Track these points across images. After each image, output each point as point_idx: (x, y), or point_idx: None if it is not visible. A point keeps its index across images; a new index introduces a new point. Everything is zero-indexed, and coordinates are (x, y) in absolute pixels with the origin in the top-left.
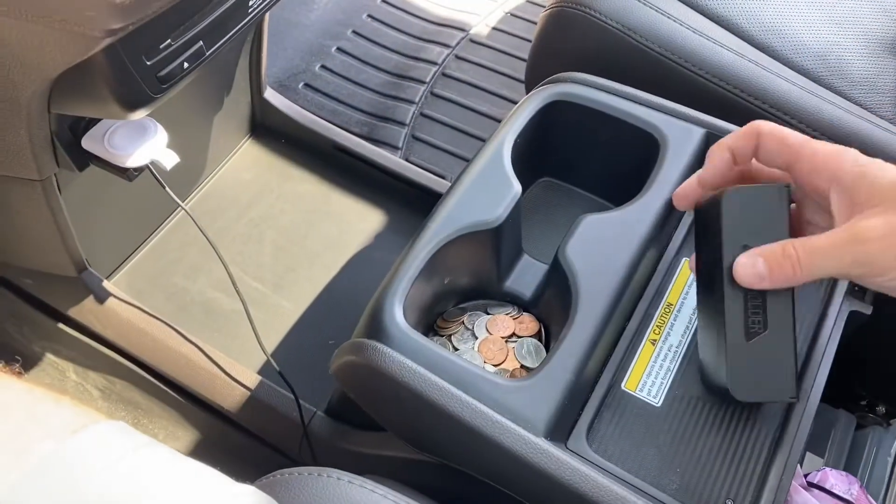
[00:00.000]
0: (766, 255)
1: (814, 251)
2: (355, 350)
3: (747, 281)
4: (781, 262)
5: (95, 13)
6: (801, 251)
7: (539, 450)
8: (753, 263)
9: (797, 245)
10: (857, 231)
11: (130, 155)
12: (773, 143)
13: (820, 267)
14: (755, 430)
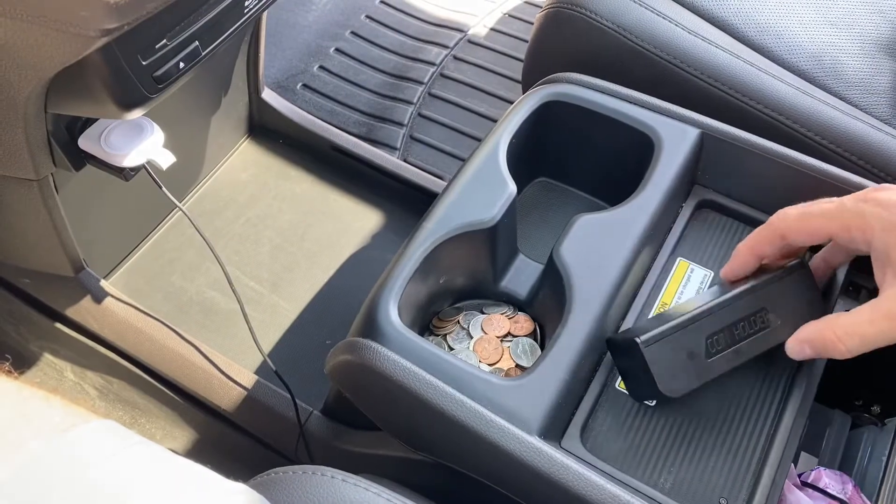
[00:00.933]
0: (811, 342)
1: (853, 333)
2: (350, 349)
3: (800, 359)
4: (824, 348)
5: (90, 13)
6: (841, 333)
7: (533, 449)
8: (801, 351)
9: (836, 328)
10: (891, 305)
11: (127, 155)
12: (802, 237)
13: (865, 342)
14: (749, 430)
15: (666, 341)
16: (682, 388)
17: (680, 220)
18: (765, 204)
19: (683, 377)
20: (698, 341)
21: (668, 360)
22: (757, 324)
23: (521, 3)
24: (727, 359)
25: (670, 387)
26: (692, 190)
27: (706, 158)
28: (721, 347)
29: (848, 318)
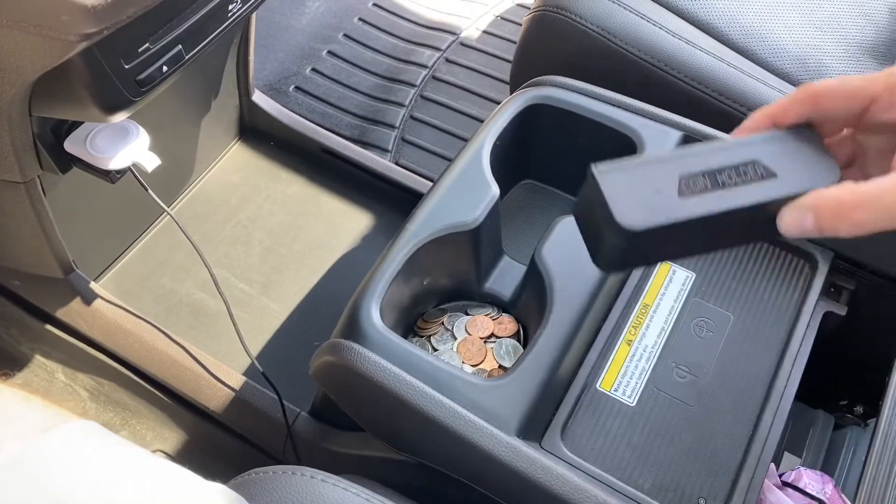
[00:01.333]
0: (818, 208)
1: (876, 202)
2: (332, 351)
3: (792, 234)
4: (835, 217)
5: (69, 17)
6: (863, 198)
7: (512, 448)
8: (800, 221)
9: (857, 192)
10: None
11: (112, 157)
12: (837, 101)
13: (886, 217)
14: (728, 430)
15: (628, 172)
16: (642, 221)
17: None
18: None
19: (645, 210)
20: (670, 179)
21: (629, 191)
22: (748, 174)
23: (512, 6)
24: (704, 202)
25: (628, 217)
26: None
27: None
28: (698, 189)
29: (871, 184)
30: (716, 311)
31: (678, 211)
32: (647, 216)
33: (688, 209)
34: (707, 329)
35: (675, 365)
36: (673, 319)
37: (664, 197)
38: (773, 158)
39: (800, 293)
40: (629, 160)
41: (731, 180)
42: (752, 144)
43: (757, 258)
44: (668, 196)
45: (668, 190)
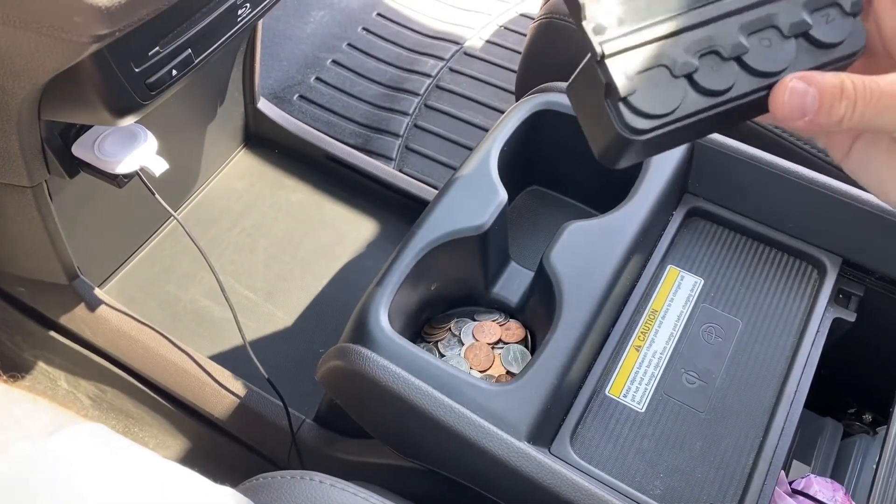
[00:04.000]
0: (823, 87)
1: (881, 94)
2: (340, 355)
3: (783, 110)
4: (834, 101)
5: (82, 19)
6: (863, 91)
7: (521, 454)
8: (804, 92)
9: (858, 84)
10: None
11: (120, 161)
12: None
13: (880, 116)
14: (738, 436)
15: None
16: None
17: (670, 228)
18: (755, 212)
19: (655, 103)
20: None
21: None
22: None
23: (516, 16)
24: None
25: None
26: (682, 198)
27: (697, 167)
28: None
29: (872, 77)
30: (724, 317)
31: (693, 103)
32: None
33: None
34: (716, 335)
35: (684, 371)
36: (682, 325)
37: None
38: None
39: (808, 299)
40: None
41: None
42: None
43: (765, 264)
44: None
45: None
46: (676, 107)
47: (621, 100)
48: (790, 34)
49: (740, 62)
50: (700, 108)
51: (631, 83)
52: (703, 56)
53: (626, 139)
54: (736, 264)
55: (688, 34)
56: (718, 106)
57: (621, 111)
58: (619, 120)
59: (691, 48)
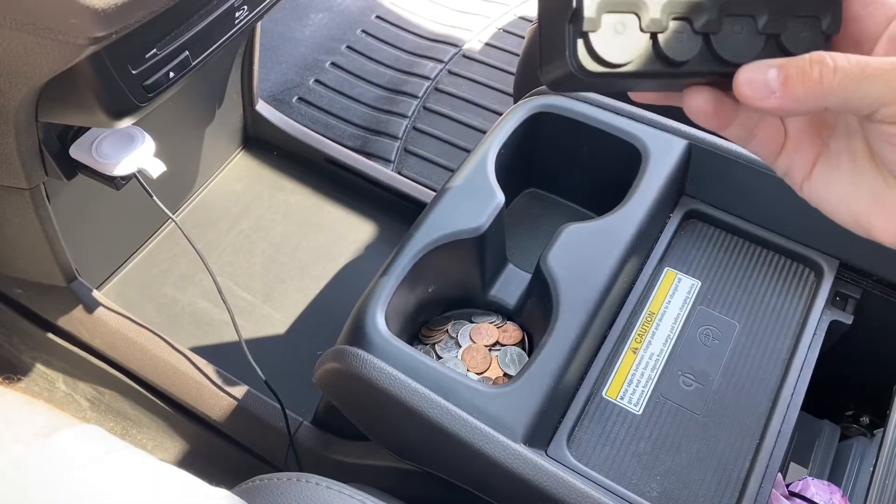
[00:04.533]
0: (785, 61)
1: (863, 64)
2: (337, 357)
3: (744, 87)
4: (805, 72)
5: (79, 21)
6: (844, 60)
7: (518, 456)
8: (766, 69)
9: (838, 56)
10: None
11: (118, 163)
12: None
13: (861, 88)
14: (735, 438)
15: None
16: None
17: (667, 231)
18: (752, 214)
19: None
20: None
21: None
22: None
23: (514, 19)
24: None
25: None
26: (680, 200)
27: (694, 169)
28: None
29: (855, 56)
30: (721, 320)
31: (646, 63)
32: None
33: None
34: (713, 337)
35: (681, 373)
36: (679, 327)
37: (638, 38)
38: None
39: (805, 302)
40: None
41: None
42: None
43: (762, 266)
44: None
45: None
46: (630, 61)
47: (582, 34)
48: (763, 31)
49: (706, 40)
50: (651, 71)
51: (597, 20)
52: (676, 20)
53: (572, 74)
54: (733, 267)
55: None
56: (670, 75)
57: (577, 47)
58: (573, 54)
59: (668, 7)
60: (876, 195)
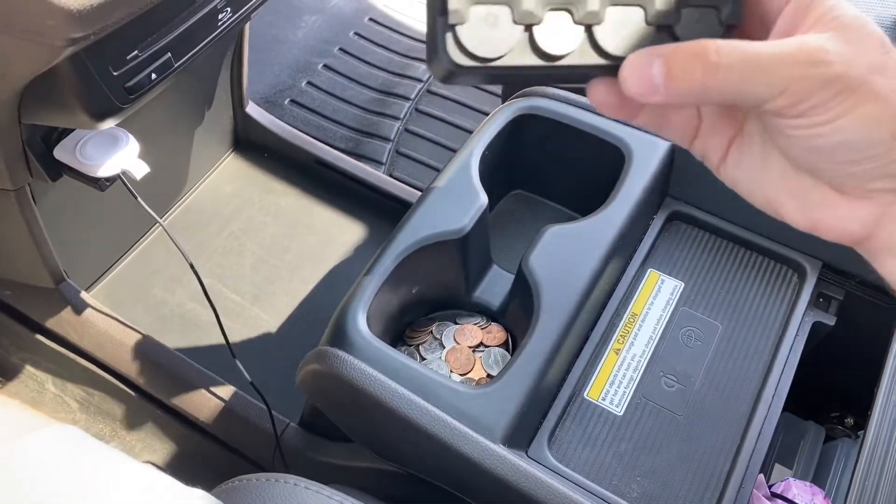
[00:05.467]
0: (669, 53)
1: (748, 58)
2: (318, 358)
3: (628, 83)
4: (687, 68)
5: (55, 22)
6: (728, 54)
7: (496, 457)
8: (648, 63)
9: (723, 46)
10: (815, 46)
11: (101, 165)
12: None
13: (746, 83)
14: (716, 439)
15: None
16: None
17: (651, 232)
18: (736, 216)
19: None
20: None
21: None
22: None
23: None
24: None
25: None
26: (664, 202)
27: (677, 171)
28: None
29: (738, 40)
30: (704, 321)
31: (522, 57)
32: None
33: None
34: (695, 338)
35: (662, 374)
36: (661, 329)
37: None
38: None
39: (788, 303)
40: None
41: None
42: None
43: (745, 267)
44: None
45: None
46: (503, 55)
47: (450, 27)
48: (653, 22)
49: (589, 32)
50: (529, 65)
51: (463, 12)
52: (554, 10)
53: (448, 69)
54: (716, 268)
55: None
56: (552, 69)
57: (446, 39)
58: (443, 49)
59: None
60: (785, 178)
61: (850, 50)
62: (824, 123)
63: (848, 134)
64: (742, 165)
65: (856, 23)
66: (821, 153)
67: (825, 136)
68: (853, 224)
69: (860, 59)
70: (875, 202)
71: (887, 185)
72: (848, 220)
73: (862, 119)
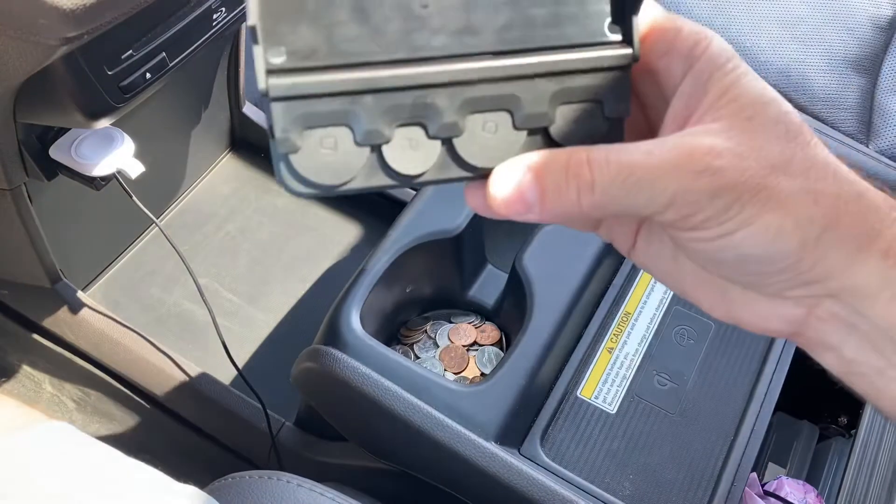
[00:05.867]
0: (540, 166)
1: (623, 171)
2: (312, 357)
3: (496, 203)
4: (561, 188)
5: (48, 21)
6: (602, 169)
7: (489, 454)
8: (516, 178)
9: (596, 158)
10: (702, 148)
11: (96, 164)
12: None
13: (626, 200)
14: (708, 438)
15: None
16: (325, 177)
17: None
18: None
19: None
20: (373, 111)
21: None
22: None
23: None
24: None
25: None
26: None
27: None
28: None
29: (616, 145)
30: (697, 320)
31: (372, 178)
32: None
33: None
34: (688, 337)
35: (655, 373)
36: (654, 327)
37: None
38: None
39: None
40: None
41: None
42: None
43: None
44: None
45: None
46: (349, 179)
47: (281, 155)
48: (523, 126)
49: (448, 144)
50: (383, 185)
51: (296, 138)
52: (404, 126)
53: (290, 191)
54: None
55: (394, 95)
56: (411, 184)
57: (280, 168)
58: (279, 175)
59: (391, 113)
60: (697, 275)
61: (746, 146)
62: (721, 236)
63: (750, 248)
64: (651, 256)
65: (757, 104)
66: (726, 265)
67: (725, 250)
68: (777, 323)
69: (758, 156)
70: (797, 303)
71: (806, 293)
72: (771, 319)
73: (763, 231)
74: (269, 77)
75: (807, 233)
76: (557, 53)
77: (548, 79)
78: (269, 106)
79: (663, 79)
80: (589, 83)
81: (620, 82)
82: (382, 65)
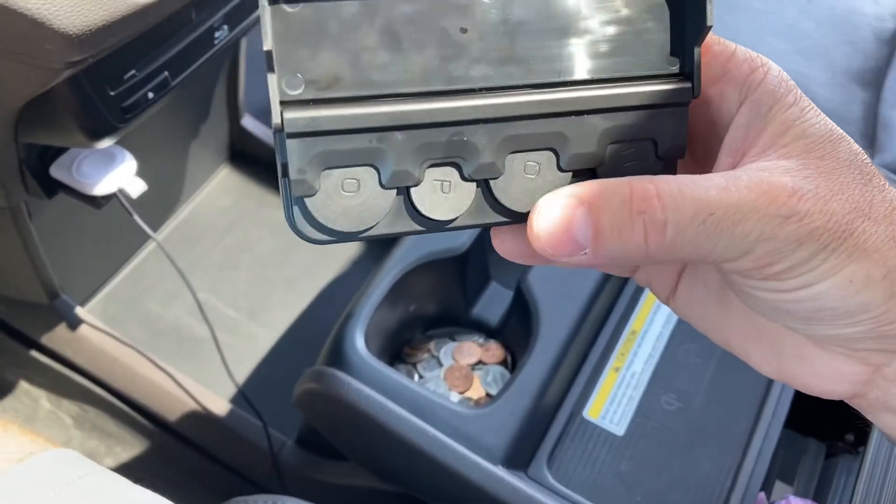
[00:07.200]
0: (595, 198)
1: (702, 211)
2: (315, 378)
3: (547, 248)
4: (623, 228)
5: (53, 46)
6: (676, 207)
7: (496, 479)
8: (568, 214)
9: (665, 192)
10: (786, 189)
11: (97, 183)
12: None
13: (701, 246)
14: (717, 458)
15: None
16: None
17: None
18: None
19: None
20: (404, 150)
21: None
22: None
23: None
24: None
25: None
26: None
27: None
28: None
29: (684, 177)
30: (704, 338)
31: (397, 224)
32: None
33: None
34: (695, 355)
35: (663, 392)
36: (661, 346)
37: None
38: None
39: None
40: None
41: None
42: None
43: None
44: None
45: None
46: (372, 226)
47: (296, 198)
48: (569, 167)
49: (485, 186)
50: (406, 231)
51: (314, 180)
52: (437, 166)
53: (302, 237)
54: None
55: (427, 132)
56: (442, 229)
57: (293, 212)
58: (291, 220)
59: (423, 152)
60: (749, 324)
61: (825, 188)
62: (800, 288)
63: (831, 300)
64: (695, 304)
65: (827, 143)
66: (795, 316)
67: (801, 301)
68: (838, 383)
69: (840, 200)
70: (863, 361)
71: (878, 346)
72: (831, 380)
73: (848, 282)
74: (285, 110)
75: (895, 283)
76: (609, 87)
77: (598, 115)
78: (283, 142)
79: (715, 107)
80: (643, 120)
81: (677, 120)
82: (414, 97)
